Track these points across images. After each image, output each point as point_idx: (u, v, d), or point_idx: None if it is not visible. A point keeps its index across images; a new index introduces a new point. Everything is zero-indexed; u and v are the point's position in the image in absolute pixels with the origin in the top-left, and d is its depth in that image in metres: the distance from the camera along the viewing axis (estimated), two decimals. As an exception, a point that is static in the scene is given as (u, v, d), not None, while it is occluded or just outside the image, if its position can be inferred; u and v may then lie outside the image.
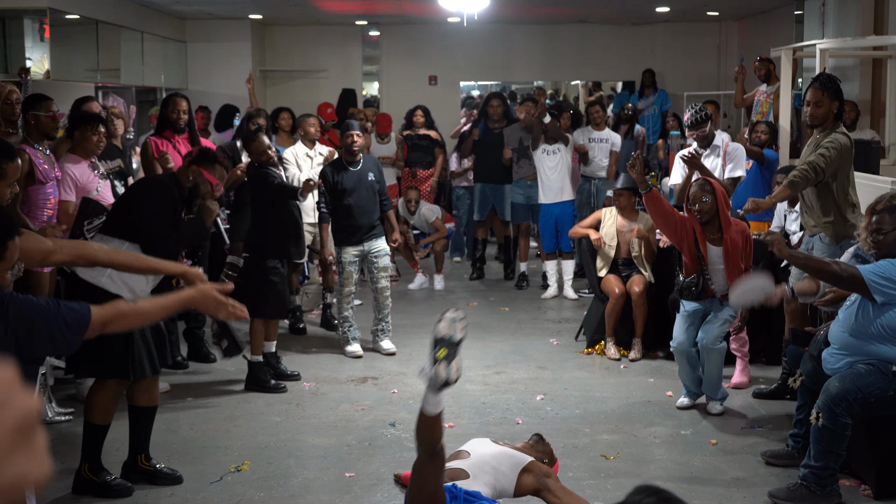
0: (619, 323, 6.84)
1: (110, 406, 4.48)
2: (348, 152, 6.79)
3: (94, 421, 4.44)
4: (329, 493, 4.46)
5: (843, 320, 4.44)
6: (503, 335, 7.45)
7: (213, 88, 13.60)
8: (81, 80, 10.89)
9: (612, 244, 7.03)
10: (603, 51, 14.89)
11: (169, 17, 13.21)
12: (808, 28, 10.59)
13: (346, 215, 6.75)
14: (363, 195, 6.77)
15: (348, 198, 6.72)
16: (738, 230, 5.47)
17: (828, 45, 8.12)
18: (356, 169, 6.79)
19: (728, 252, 5.42)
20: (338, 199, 6.73)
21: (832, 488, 4.26)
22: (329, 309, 7.74)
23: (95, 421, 4.44)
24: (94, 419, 4.43)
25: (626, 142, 10.10)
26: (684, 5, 12.70)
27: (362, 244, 6.79)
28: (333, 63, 14.75)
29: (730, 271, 5.41)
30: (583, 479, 4.58)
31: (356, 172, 6.79)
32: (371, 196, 6.84)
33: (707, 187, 5.46)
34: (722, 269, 5.46)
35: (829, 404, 4.18)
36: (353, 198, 6.73)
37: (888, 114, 8.63)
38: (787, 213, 6.65)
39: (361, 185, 6.78)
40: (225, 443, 5.11)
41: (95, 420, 4.44)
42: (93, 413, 4.43)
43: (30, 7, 9.62)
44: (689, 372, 5.63)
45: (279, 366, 6.26)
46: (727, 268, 5.43)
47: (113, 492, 4.43)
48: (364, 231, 6.78)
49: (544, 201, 8.64)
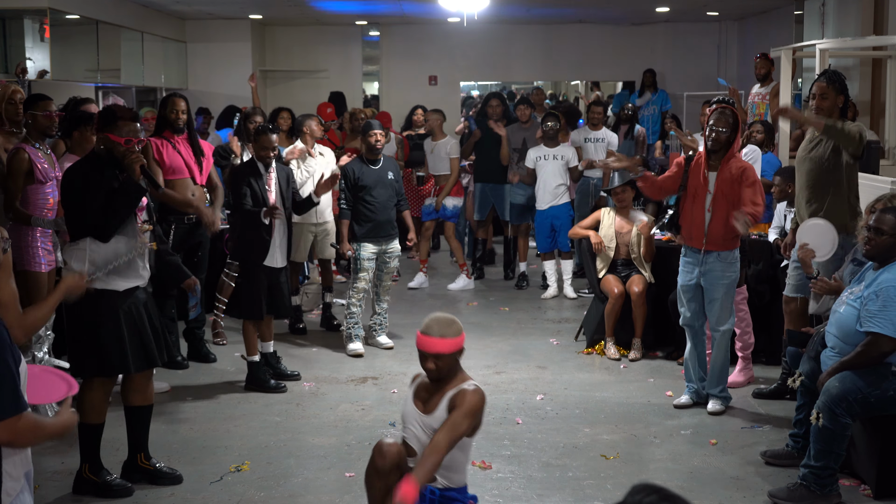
0: (618, 323, 6.84)
1: (101, 405, 4.49)
2: (371, 151, 6.92)
3: (88, 421, 4.44)
4: (329, 493, 4.46)
5: (836, 326, 4.43)
6: (503, 335, 7.45)
7: (213, 88, 13.61)
8: (81, 80, 10.90)
9: (611, 245, 7.03)
10: (603, 51, 14.89)
11: (169, 17, 13.21)
12: (807, 28, 10.59)
13: (367, 212, 6.87)
14: (383, 193, 6.91)
15: (369, 195, 6.84)
16: (738, 164, 5.40)
17: (828, 45, 8.12)
18: (377, 167, 6.92)
19: (721, 178, 5.37)
20: (359, 197, 6.84)
21: (832, 488, 4.26)
22: (329, 309, 7.74)
23: (89, 420, 4.44)
24: (87, 419, 4.43)
25: (625, 142, 10.11)
26: (684, 5, 12.70)
27: (381, 243, 6.89)
28: (333, 63, 14.75)
29: (717, 202, 5.37)
30: (583, 479, 4.58)
31: (377, 171, 6.92)
32: (391, 195, 6.98)
33: (729, 119, 5.37)
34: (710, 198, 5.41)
35: (830, 404, 4.18)
36: (374, 195, 6.86)
37: (888, 114, 8.63)
38: (786, 213, 6.65)
39: (381, 183, 6.92)
40: (225, 443, 5.11)
41: (89, 420, 4.44)
42: (85, 413, 4.42)
43: (30, 7, 9.62)
44: (694, 355, 5.65)
45: (279, 366, 6.26)
46: (716, 196, 5.38)
47: (113, 492, 4.43)
48: (383, 229, 6.91)
49: (541, 206, 8.66)
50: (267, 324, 6.20)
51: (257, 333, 6.13)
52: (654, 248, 6.95)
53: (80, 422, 4.40)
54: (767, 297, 6.49)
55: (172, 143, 6.29)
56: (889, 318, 4.16)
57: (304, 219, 7.30)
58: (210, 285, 7.07)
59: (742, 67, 13.94)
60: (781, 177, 6.48)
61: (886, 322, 4.15)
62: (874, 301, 4.20)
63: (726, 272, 5.44)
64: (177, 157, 6.26)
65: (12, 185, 5.40)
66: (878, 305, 4.18)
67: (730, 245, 5.44)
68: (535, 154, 8.68)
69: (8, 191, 5.42)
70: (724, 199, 5.36)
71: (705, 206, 5.42)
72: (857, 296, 4.34)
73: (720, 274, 5.44)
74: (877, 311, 4.18)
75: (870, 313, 4.20)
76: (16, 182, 5.39)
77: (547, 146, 8.68)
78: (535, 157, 8.67)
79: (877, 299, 4.20)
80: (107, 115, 4.43)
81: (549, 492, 4.44)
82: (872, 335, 4.18)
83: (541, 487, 4.49)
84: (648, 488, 1.66)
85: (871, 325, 4.18)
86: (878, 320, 4.17)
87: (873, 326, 4.18)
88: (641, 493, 1.65)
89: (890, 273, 4.24)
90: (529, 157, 8.71)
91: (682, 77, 14.46)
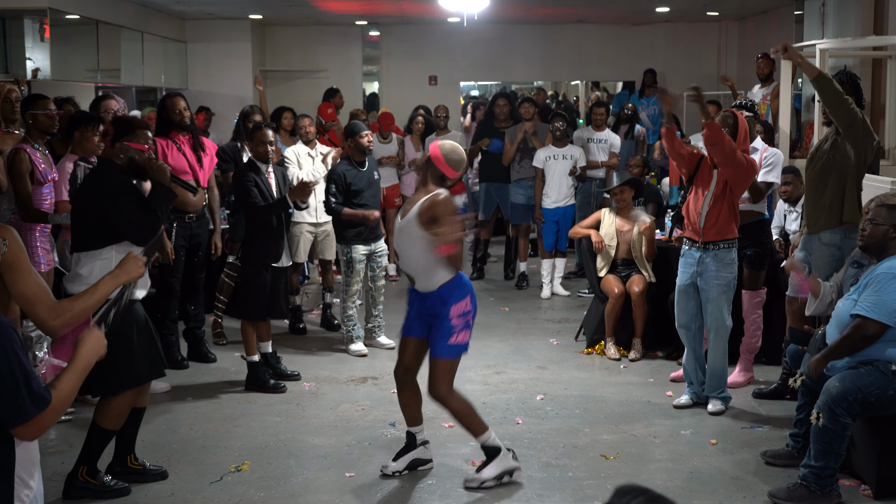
0: (618, 323, 6.84)
1: (126, 412, 4.45)
2: (362, 153, 6.87)
3: (107, 426, 4.40)
4: (329, 493, 4.46)
5: (835, 320, 4.45)
6: (503, 335, 7.45)
7: (213, 88, 13.62)
8: (81, 80, 10.90)
9: (611, 244, 7.04)
10: (603, 51, 14.89)
11: (169, 17, 13.21)
12: (807, 28, 10.59)
13: None
14: (371, 194, 6.90)
15: (361, 197, 6.80)
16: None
17: (828, 45, 8.11)
18: (364, 169, 6.90)
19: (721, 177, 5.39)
20: (350, 199, 6.77)
21: (832, 488, 4.26)
22: (329, 309, 7.75)
23: (108, 426, 4.40)
24: (106, 424, 4.40)
25: (626, 142, 10.10)
26: (684, 5, 12.70)
27: (370, 243, 6.87)
28: (333, 63, 14.75)
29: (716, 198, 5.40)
30: (583, 479, 4.58)
31: (365, 173, 6.90)
32: (377, 194, 6.98)
33: (729, 121, 5.43)
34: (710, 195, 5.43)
35: (830, 404, 4.18)
36: (365, 197, 6.83)
37: (888, 114, 8.62)
38: (786, 213, 6.65)
39: (370, 184, 6.91)
40: (225, 443, 5.11)
41: (109, 425, 4.40)
42: (107, 418, 4.39)
43: (30, 7, 9.63)
44: (692, 358, 5.66)
45: (279, 366, 6.26)
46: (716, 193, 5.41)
47: (114, 492, 4.41)
48: (372, 230, 6.89)
49: (548, 205, 8.66)
50: (265, 324, 6.20)
51: (255, 334, 6.13)
52: (655, 248, 6.96)
53: (97, 424, 4.40)
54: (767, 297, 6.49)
55: (178, 144, 6.29)
56: (876, 303, 4.23)
57: (303, 219, 7.31)
58: (210, 285, 7.08)
59: (742, 67, 13.94)
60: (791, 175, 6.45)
61: (873, 306, 4.22)
62: (867, 288, 4.29)
63: (720, 272, 5.45)
64: (181, 158, 6.26)
65: (21, 187, 5.40)
66: (869, 291, 4.27)
67: (725, 234, 5.43)
68: (545, 154, 8.68)
69: (17, 193, 5.42)
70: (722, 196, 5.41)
71: (706, 201, 5.45)
72: (856, 288, 4.39)
73: (714, 273, 5.46)
74: (866, 297, 4.27)
75: (861, 299, 4.29)
76: (23, 182, 5.39)
77: (556, 146, 8.70)
78: (544, 157, 8.67)
79: (869, 286, 4.27)
80: (125, 125, 4.57)
81: (549, 492, 4.44)
82: (859, 317, 4.26)
83: (541, 487, 4.49)
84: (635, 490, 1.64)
85: (859, 308, 4.27)
86: (866, 304, 4.25)
87: (860, 310, 4.26)
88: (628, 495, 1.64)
89: (886, 263, 4.32)
90: (538, 157, 8.71)
91: (682, 77, 14.45)
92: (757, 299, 6.11)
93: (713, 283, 5.46)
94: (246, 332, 6.09)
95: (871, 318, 4.21)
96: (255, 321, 6.08)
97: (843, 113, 5.26)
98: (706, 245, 5.46)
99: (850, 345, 4.29)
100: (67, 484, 4.39)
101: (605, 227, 7.12)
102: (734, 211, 5.48)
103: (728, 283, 5.49)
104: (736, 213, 5.49)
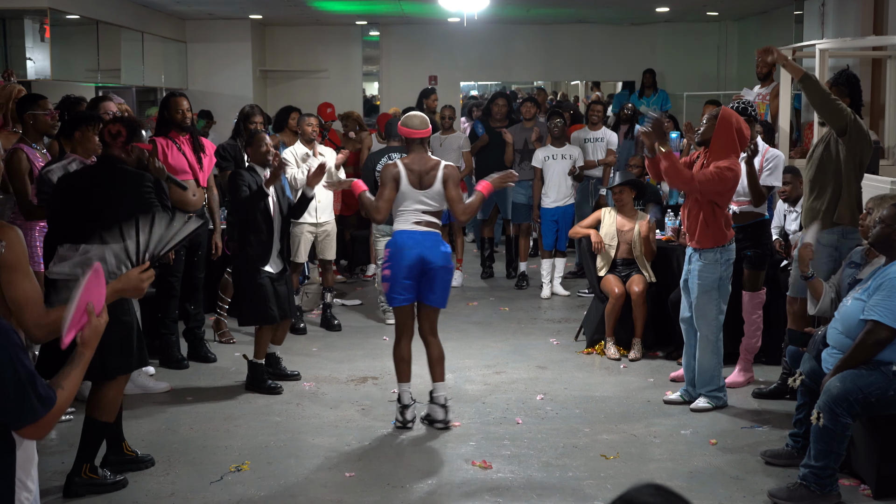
0: (618, 323, 6.84)
1: (118, 402, 4.50)
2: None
3: (102, 418, 4.42)
4: (329, 493, 4.46)
5: (840, 321, 4.44)
6: (503, 335, 7.45)
7: (213, 88, 13.63)
8: (82, 80, 10.91)
9: (611, 244, 7.04)
10: (603, 51, 14.90)
11: (169, 17, 13.22)
12: (807, 28, 10.60)
13: None
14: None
15: None
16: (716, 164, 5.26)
17: (827, 45, 8.11)
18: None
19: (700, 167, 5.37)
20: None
21: (832, 488, 4.26)
22: (329, 309, 7.74)
23: (105, 419, 4.43)
24: (101, 416, 4.42)
25: (626, 142, 10.11)
26: (684, 5, 12.71)
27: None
28: (333, 63, 14.77)
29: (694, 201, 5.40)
30: (583, 478, 4.58)
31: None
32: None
33: (712, 113, 5.42)
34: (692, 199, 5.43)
35: (830, 404, 4.18)
36: None
37: (888, 114, 8.62)
38: (786, 213, 6.65)
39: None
40: (225, 443, 5.11)
41: (105, 418, 4.43)
42: (101, 410, 4.41)
43: (30, 7, 9.63)
44: (688, 354, 5.70)
45: (279, 366, 6.25)
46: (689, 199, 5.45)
47: (113, 485, 4.43)
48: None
49: (547, 205, 8.66)
50: (283, 327, 6.18)
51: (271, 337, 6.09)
52: (654, 248, 6.96)
53: (91, 419, 4.41)
54: (767, 297, 6.49)
55: (178, 143, 6.29)
56: (889, 307, 4.20)
57: (303, 219, 7.30)
58: (210, 285, 7.07)
59: (742, 67, 13.95)
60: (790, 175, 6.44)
61: (886, 311, 4.19)
62: (879, 292, 4.25)
63: (703, 272, 5.44)
64: (181, 157, 6.26)
65: (21, 187, 5.40)
66: (882, 295, 4.24)
67: (704, 243, 5.42)
68: (543, 154, 8.68)
69: (18, 193, 5.42)
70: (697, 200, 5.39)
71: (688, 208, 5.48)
72: (865, 289, 4.37)
73: (697, 273, 5.49)
74: (879, 301, 4.23)
75: (873, 302, 4.26)
76: (22, 182, 5.39)
77: (555, 146, 8.70)
78: (542, 157, 8.67)
79: (881, 290, 4.24)
80: (135, 127, 4.94)
81: (549, 492, 4.44)
82: (871, 322, 4.23)
83: (541, 487, 4.49)
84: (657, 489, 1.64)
85: (872, 313, 4.24)
86: (879, 309, 4.22)
87: (873, 314, 4.23)
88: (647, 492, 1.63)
89: None
90: (537, 157, 8.71)
91: (682, 77, 14.47)
92: (757, 300, 6.11)
93: (696, 283, 5.50)
94: (262, 335, 6.03)
95: (885, 324, 4.18)
96: (252, 325, 6.06)
97: (832, 113, 5.27)
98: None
99: (863, 350, 4.24)
100: (68, 482, 4.40)
101: (605, 226, 7.12)
102: (719, 217, 5.39)
103: (711, 283, 5.44)
104: (720, 217, 5.40)
